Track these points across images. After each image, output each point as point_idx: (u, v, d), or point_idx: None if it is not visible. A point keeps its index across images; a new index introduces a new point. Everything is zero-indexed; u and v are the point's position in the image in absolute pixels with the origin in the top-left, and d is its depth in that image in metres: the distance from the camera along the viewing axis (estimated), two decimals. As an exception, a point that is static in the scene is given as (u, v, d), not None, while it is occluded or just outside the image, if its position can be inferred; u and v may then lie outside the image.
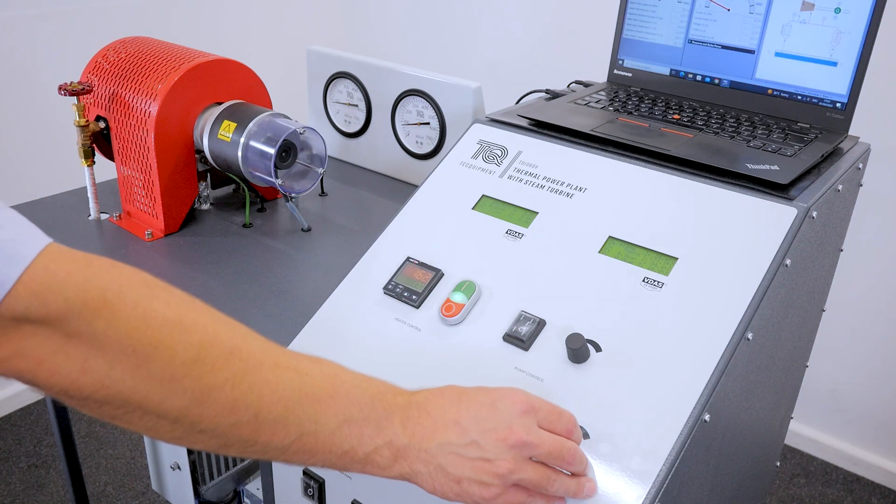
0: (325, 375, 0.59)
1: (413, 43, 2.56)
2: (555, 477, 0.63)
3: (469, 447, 0.60)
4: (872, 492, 2.03)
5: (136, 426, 0.54)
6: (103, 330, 0.50)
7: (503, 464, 0.60)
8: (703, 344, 0.73)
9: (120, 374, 0.51)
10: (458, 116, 1.25)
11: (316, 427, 0.57)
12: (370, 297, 0.87)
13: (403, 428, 0.60)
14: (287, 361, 0.58)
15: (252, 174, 1.14)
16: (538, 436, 0.61)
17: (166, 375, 0.52)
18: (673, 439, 0.68)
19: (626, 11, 1.11)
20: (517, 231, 0.88)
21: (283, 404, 0.55)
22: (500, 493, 0.60)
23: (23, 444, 2.10)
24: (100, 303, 0.50)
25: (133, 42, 1.23)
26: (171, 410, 0.53)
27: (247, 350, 0.55)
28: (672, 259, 0.80)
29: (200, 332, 0.53)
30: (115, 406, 0.52)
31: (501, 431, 0.60)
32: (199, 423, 0.54)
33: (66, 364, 0.50)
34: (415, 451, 0.60)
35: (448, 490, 0.60)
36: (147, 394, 0.52)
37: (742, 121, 0.99)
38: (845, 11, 0.93)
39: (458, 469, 0.59)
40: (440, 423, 0.60)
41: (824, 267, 1.03)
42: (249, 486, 1.43)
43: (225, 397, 0.53)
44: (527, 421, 0.61)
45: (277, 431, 0.56)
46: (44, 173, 2.00)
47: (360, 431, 0.58)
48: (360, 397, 0.59)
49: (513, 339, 0.78)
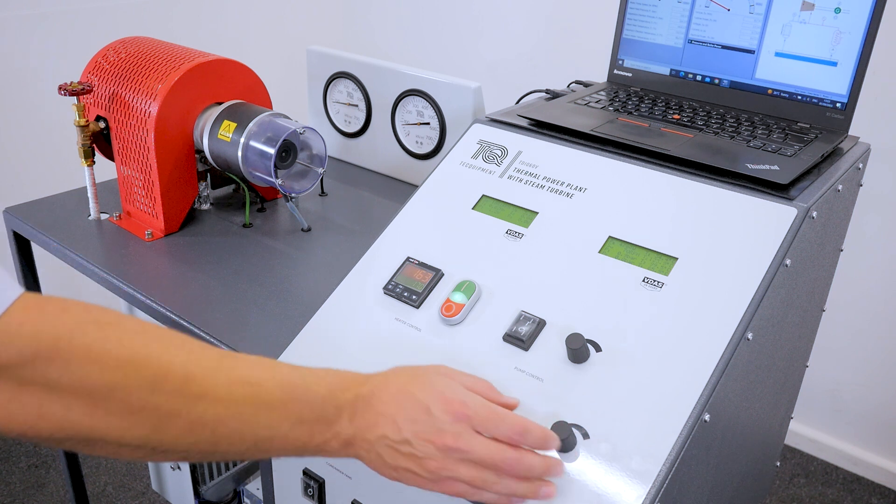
0: (277, 383, 0.62)
1: (413, 43, 2.56)
2: (494, 480, 0.64)
3: (402, 444, 0.63)
4: (872, 492, 2.03)
5: (100, 454, 0.57)
6: (57, 377, 0.51)
7: (431, 463, 0.63)
8: (703, 344, 0.73)
9: (78, 417, 0.53)
10: (458, 116, 1.25)
11: (271, 433, 0.61)
12: (370, 297, 0.87)
13: (350, 422, 0.64)
14: (240, 375, 0.60)
15: (252, 174, 1.14)
16: (468, 442, 0.63)
17: (124, 410, 0.54)
18: (673, 439, 0.68)
19: (626, 11, 1.11)
20: (517, 231, 0.88)
21: (239, 419, 0.58)
22: (434, 482, 0.64)
23: (23, 444, 2.10)
24: (52, 352, 0.51)
25: (133, 42, 1.23)
26: (132, 440, 0.55)
27: (200, 374, 0.57)
28: (672, 259, 0.80)
29: (154, 365, 0.55)
30: (76, 441, 0.54)
31: (431, 435, 0.63)
32: (160, 447, 0.56)
33: (20, 411, 0.52)
34: (359, 441, 0.65)
35: (387, 473, 0.65)
36: (107, 430, 0.54)
37: (742, 121, 0.99)
38: (845, 11, 0.93)
39: (393, 459, 0.64)
40: (380, 419, 0.64)
41: (824, 267, 1.03)
42: (249, 486, 1.43)
43: (183, 422, 0.56)
44: (458, 427, 0.63)
45: (234, 442, 0.59)
46: (44, 173, 2.00)
47: (311, 429, 0.63)
48: (311, 399, 0.63)
49: (513, 339, 0.78)
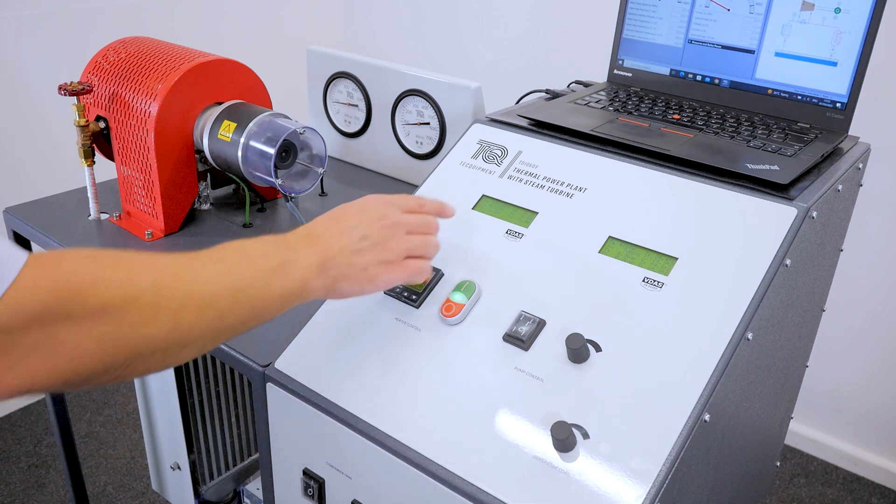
0: (235, 250, 0.70)
1: (413, 43, 2.56)
2: (427, 244, 0.81)
3: (362, 240, 0.76)
4: (872, 492, 2.03)
5: (135, 374, 0.63)
6: (80, 313, 0.56)
7: (390, 243, 0.77)
8: (703, 344, 0.73)
9: (108, 341, 0.58)
10: (458, 116, 1.25)
11: (257, 291, 0.68)
12: (370, 297, 0.87)
13: (309, 251, 0.73)
14: (208, 259, 0.68)
15: (252, 174, 1.13)
16: (405, 217, 0.80)
17: (142, 320, 0.60)
18: (673, 439, 0.68)
19: (626, 11, 1.11)
20: (517, 231, 0.88)
21: (229, 290, 0.66)
22: (396, 265, 0.77)
23: (23, 444, 2.10)
24: (67, 292, 0.55)
25: (133, 42, 1.23)
26: (158, 343, 0.61)
27: (182, 268, 0.65)
28: (672, 259, 0.80)
29: (148, 275, 0.62)
30: (114, 369, 0.59)
31: (378, 221, 0.78)
32: (181, 341, 0.63)
33: (60, 360, 0.55)
34: (329, 261, 0.74)
35: (363, 280, 0.76)
36: (135, 343, 0.60)
37: (742, 121, 0.99)
38: (845, 11, 0.93)
39: (362, 258, 0.75)
40: (332, 237, 0.75)
41: (824, 267, 1.03)
42: (249, 486, 1.43)
43: (190, 310, 0.63)
44: (390, 209, 0.80)
45: (236, 310, 0.67)
46: (44, 173, 2.00)
47: (284, 273, 0.70)
48: (267, 249, 0.71)
49: (513, 339, 0.78)
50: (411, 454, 0.74)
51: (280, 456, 0.90)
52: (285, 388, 0.84)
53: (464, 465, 0.72)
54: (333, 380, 0.82)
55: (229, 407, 1.39)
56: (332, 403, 0.80)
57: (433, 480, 0.72)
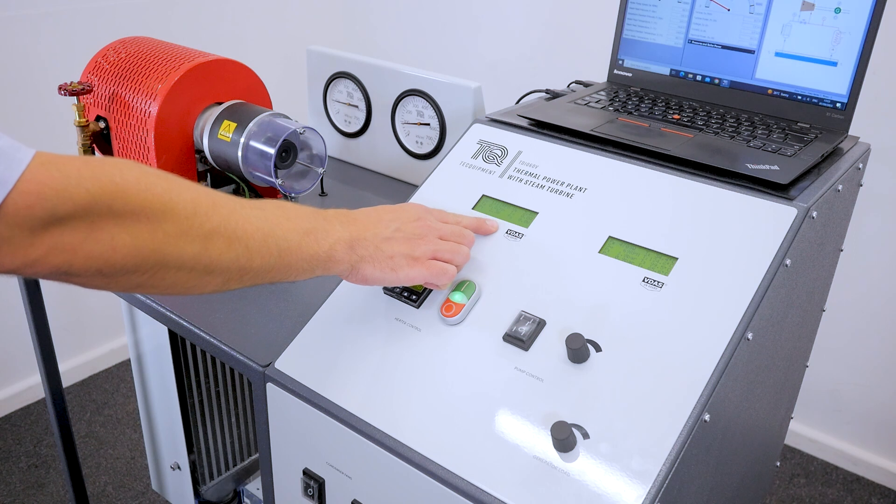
0: (275, 205, 0.73)
1: (413, 43, 2.56)
2: (456, 249, 0.83)
3: (396, 231, 0.80)
4: (872, 492, 2.03)
5: (159, 286, 0.65)
6: (121, 208, 0.59)
7: (419, 241, 0.80)
8: (703, 344, 0.73)
9: (143, 241, 0.61)
10: (458, 116, 1.25)
11: (287, 244, 0.71)
12: (370, 297, 0.87)
13: (344, 228, 0.77)
14: (248, 204, 0.71)
15: (252, 174, 1.13)
16: (440, 224, 0.84)
17: (178, 231, 0.63)
18: (673, 439, 0.68)
19: (626, 11, 1.11)
20: (517, 231, 0.88)
21: (261, 233, 0.69)
22: (419, 261, 0.79)
23: (23, 444, 2.10)
24: (112, 187, 0.59)
25: (133, 42, 1.23)
26: (187, 260, 0.64)
27: (222, 200, 0.68)
28: (672, 259, 0.80)
29: (189, 192, 0.65)
30: (143, 272, 0.62)
31: (413, 220, 0.82)
32: (208, 266, 0.66)
33: (97, 247, 0.59)
34: (359, 241, 0.77)
35: (385, 266, 0.78)
36: (167, 250, 0.63)
37: (742, 121, 0.99)
38: (845, 11, 0.93)
39: (390, 247, 0.78)
40: (369, 222, 0.79)
41: (824, 267, 1.03)
42: (249, 486, 1.43)
43: (222, 237, 0.66)
44: (429, 215, 0.84)
45: (264, 254, 0.69)
46: (44, 173, 1.99)
47: (316, 238, 0.74)
48: (305, 213, 0.75)
49: (513, 339, 0.78)
50: (411, 454, 0.74)
51: (280, 456, 0.90)
52: (285, 387, 0.84)
53: (464, 465, 0.72)
54: (333, 380, 0.82)
55: (229, 407, 1.39)
56: (332, 403, 0.80)
57: (433, 480, 0.72)
